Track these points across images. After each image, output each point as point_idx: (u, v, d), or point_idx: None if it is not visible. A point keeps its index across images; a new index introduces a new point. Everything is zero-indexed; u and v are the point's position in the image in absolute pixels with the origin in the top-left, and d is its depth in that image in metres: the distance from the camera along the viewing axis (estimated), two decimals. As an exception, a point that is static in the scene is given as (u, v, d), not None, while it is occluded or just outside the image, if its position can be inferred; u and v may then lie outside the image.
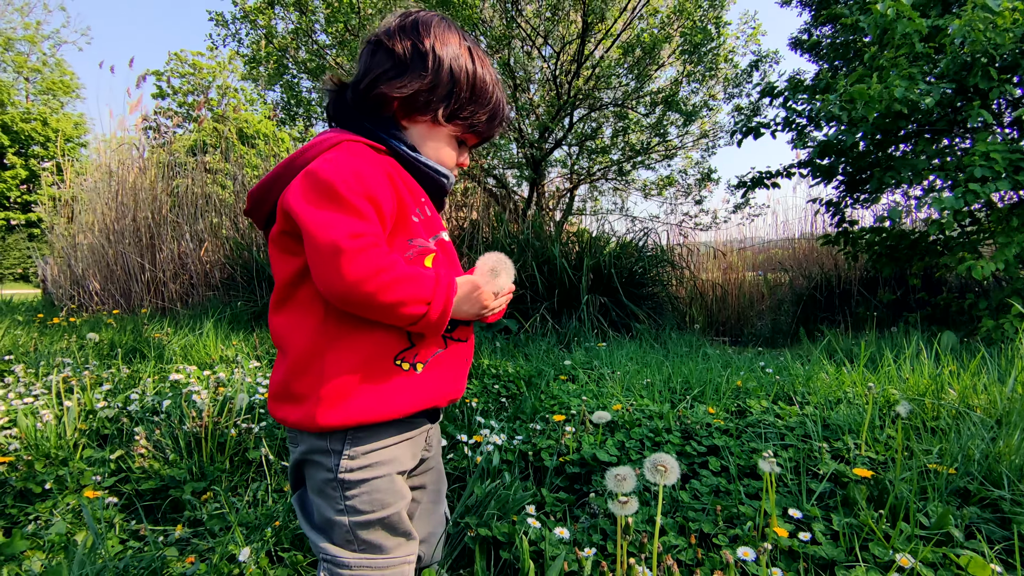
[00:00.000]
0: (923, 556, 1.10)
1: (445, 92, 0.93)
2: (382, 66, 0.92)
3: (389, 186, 0.86)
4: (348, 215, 0.79)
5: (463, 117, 0.97)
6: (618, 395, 2.41)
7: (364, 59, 0.96)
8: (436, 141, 0.97)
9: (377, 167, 0.86)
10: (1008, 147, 3.60)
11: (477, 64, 0.96)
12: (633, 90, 6.51)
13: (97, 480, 1.70)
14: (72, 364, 3.02)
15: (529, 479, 1.72)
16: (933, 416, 2.04)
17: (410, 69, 0.92)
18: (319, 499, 0.90)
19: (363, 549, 0.88)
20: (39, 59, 28.54)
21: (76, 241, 6.66)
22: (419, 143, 0.96)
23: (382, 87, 0.91)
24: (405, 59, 0.92)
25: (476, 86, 0.96)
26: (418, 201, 0.94)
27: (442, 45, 0.93)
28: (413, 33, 0.93)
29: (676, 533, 1.29)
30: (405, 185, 0.92)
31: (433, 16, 0.96)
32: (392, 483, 0.90)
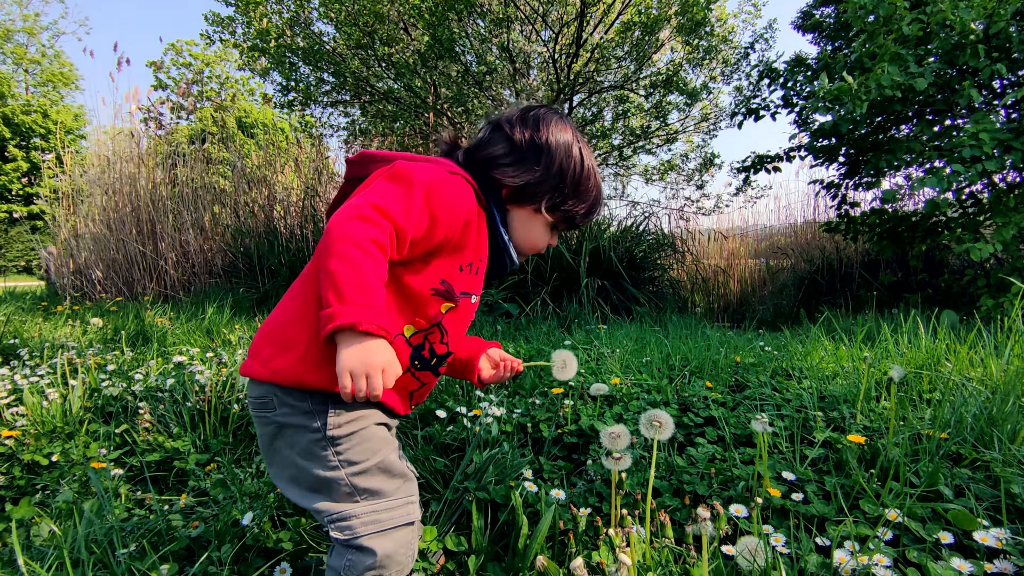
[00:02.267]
0: (912, 511, 1.12)
1: (552, 186, 1.01)
2: (498, 148, 0.99)
3: (460, 225, 0.91)
4: (400, 201, 0.84)
5: (563, 210, 1.03)
6: (617, 371, 2.43)
7: (484, 133, 1.04)
8: (532, 226, 1.04)
9: (467, 206, 0.92)
10: (1000, 128, 3.59)
11: (586, 162, 1.03)
12: (633, 72, 6.48)
13: (103, 453, 1.73)
14: (76, 348, 3.06)
15: (528, 449, 1.74)
16: (929, 389, 2.06)
17: (524, 160, 0.99)
18: (307, 462, 0.90)
19: (366, 497, 0.89)
20: (38, 50, 28.47)
21: (78, 230, 6.69)
22: (515, 225, 1.04)
23: (496, 172, 0.98)
24: (521, 148, 0.99)
25: (581, 183, 1.03)
26: (476, 259, 0.99)
27: (556, 142, 1.00)
28: (532, 126, 1.00)
29: (671, 495, 1.32)
30: (478, 240, 0.97)
31: (553, 114, 1.03)
32: (379, 431, 0.94)
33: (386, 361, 0.78)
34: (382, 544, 0.88)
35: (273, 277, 5.71)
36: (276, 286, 5.52)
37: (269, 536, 1.30)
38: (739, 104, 5.15)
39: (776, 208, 8.53)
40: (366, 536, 0.88)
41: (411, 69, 5.62)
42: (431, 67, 5.71)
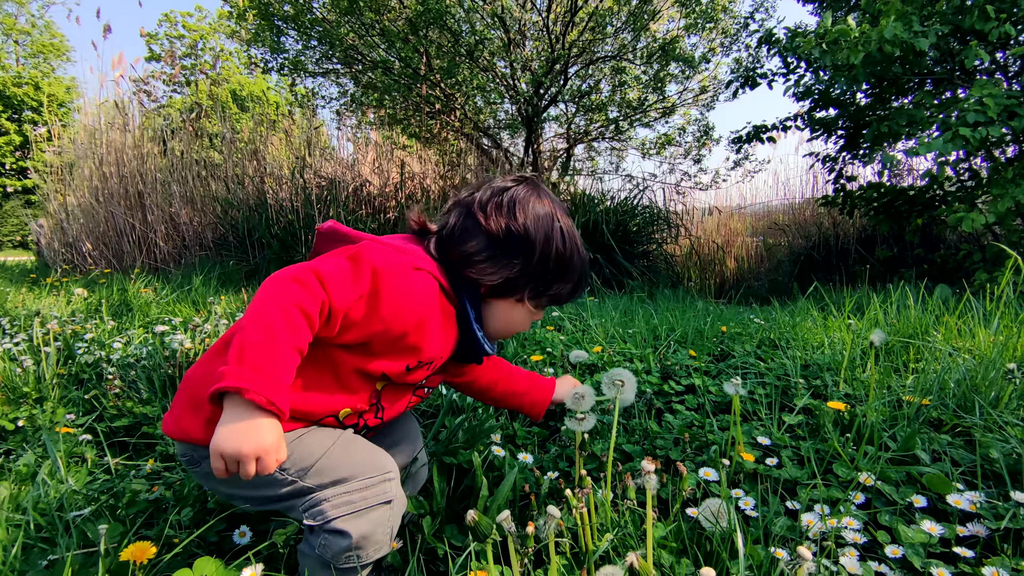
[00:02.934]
0: (885, 474, 1.09)
1: (534, 276, 0.93)
2: (472, 244, 0.91)
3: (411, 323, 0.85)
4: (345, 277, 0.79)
5: (548, 294, 0.97)
6: (600, 341, 2.39)
7: (455, 217, 0.95)
8: (513, 314, 0.98)
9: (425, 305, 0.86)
10: (1005, 92, 3.50)
11: (567, 241, 0.95)
12: (630, 42, 6.34)
13: (71, 418, 1.70)
14: (58, 318, 3.02)
15: (506, 416, 1.71)
16: (916, 359, 2.03)
17: (502, 254, 0.91)
18: (259, 491, 0.87)
19: (333, 485, 0.85)
20: (28, 20, 27.94)
21: (67, 203, 6.61)
22: (496, 315, 0.97)
23: (472, 272, 0.91)
24: (499, 241, 0.91)
25: (564, 264, 0.95)
26: (437, 356, 0.93)
27: (536, 228, 0.92)
28: (509, 213, 0.91)
29: (642, 459, 1.28)
30: (442, 338, 0.92)
31: (530, 191, 0.95)
32: (312, 433, 0.88)
33: (266, 445, 0.69)
34: (357, 525, 0.84)
35: (263, 250, 5.66)
36: (266, 259, 5.47)
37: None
38: (738, 72, 5.03)
39: (775, 184, 8.43)
40: (338, 519, 0.84)
41: (401, 37, 5.48)
42: (421, 36, 5.58)
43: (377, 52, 6.00)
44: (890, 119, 4.15)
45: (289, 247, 5.55)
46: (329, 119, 8.74)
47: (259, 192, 6.18)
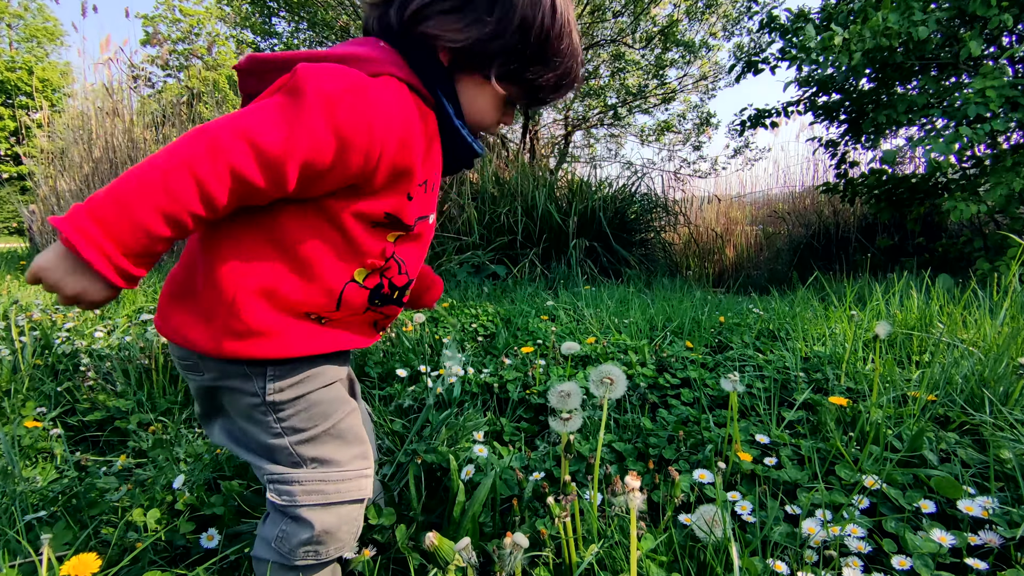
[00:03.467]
0: (891, 477, 1.02)
1: (508, 46, 0.73)
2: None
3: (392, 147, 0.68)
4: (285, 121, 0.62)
5: (523, 79, 0.77)
6: (595, 331, 2.33)
7: None
8: (481, 101, 0.79)
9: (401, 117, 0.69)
10: (1007, 83, 3.41)
11: (560, 12, 0.74)
12: (629, 25, 6.21)
13: (42, 411, 1.63)
14: (41, 307, 2.95)
15: (494, 411, 1.65)
16: (920, 351, 1.96)
17: (470, 8, 0.72)
18: (248, 425, 0.79)
19: (314, 466, 0.78)
20: (20, 4, 27.54)
21: (58, 188, 6.51)
22: (463, 94, 0.78)
23: (431, 26, 0.72)
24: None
25: (550, 43, 0.75)
26: (429, 174, 0.77)
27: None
28: None
29: (635, 459, 1.22)
30: (427, 157, 0.75)
31: None
32: (329, 392, 0.80)
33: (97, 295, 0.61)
34: (322, 518, 0.77)
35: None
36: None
37: (203, 501, 1.20)
38: (740, 57, 4.93)
39: (775, 172, 8.33)
40: (305, 507, 0.77)
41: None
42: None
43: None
44: (888, 108, 4.05)
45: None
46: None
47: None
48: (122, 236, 0.59)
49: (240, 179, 0.61)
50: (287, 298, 0.73)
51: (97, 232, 0.58)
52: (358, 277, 0.77)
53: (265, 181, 0.63)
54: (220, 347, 0.72)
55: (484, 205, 5.10)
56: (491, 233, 4.95)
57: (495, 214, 5.00)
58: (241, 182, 0.62)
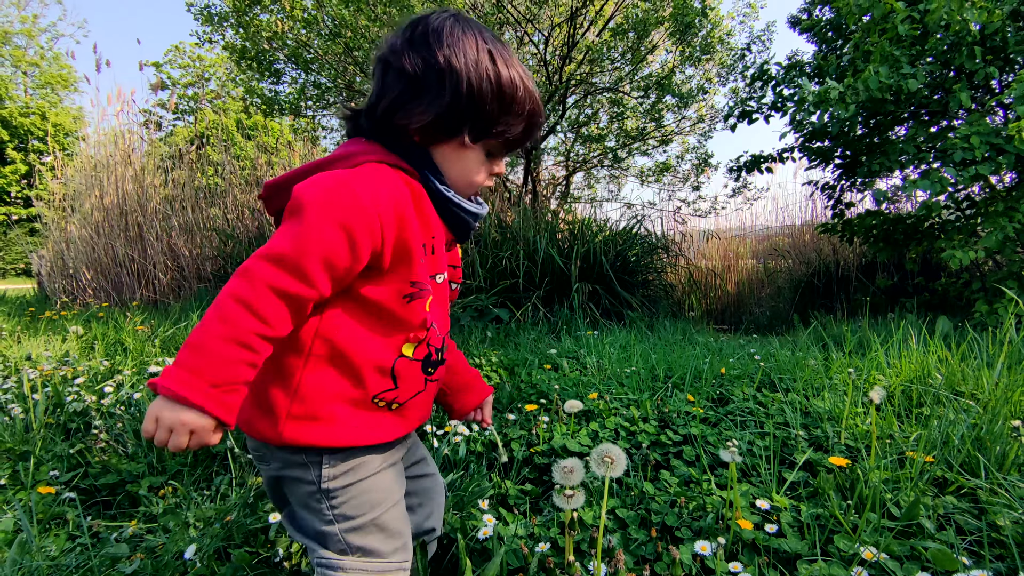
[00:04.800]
0: (889, 549, 1.04)
1: (470, 111, 0.82)
2: (394, 89, 0.82)
3: (392, 222, 0.77)
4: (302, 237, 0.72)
5: (495, 133, 0.85)
6: (598, 384, 2.35)
7: (376, 80, 0.85)
8: (463, 163, 0.87)
9: (389, 196, 0.77)
10: (992, 130, 3.51)
11: (501, 67, 0.83)
12: (627, 74, 6.41)
13: (55, 475, 1.66)
14: (50, 359, 2.99)
15: (499, 472, 1.67)
16: (919, 403, 1.99)
17: (425, 91, 0.81)
18: (306, 512, 0.86)
19: (359, 554, 0.84)
20: (36, 53, 28.44)
21: (68, 234, 6.64)
22: (445, 167, 0.86)
23: (398, 117, 0.81)
24: (418, 79, 0.81)
25: (505, 95, 0.83)
26: (429, 238, 0.86)
27: (458, 55, 0.80)
28: (423, 47, 0.81)
29: (637, 526, 1.24)
30: (421, 220, 0.83)
31: (444, 19, 0.83)
32: (380, 480, 0.87)
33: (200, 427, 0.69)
34: None
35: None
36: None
37: (214, 571, 1.23)
38: (734, 106, 5.07)
39: (774, 209, 8.45)
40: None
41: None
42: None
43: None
44: (882, 155, 4.16)
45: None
46: (330, 148, 8.81)
47: (259, 224, 6.20)
48: (205, 370, 0.68)
49: (278, 291, 0.71)
50: (348, 387, 0.82)
51: (184, 375, 0.68)
52: (407, 352, 0.85)
53: (297, 285, 0.72)
54: (281, 434, 0.80)
55: (487, 249, 5.18)
56: (494, 277, 5.01)
57: (498, 258, 5.07)
58: (280, 293, 0.71)
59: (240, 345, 0.70)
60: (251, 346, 0.70)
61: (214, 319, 0.69)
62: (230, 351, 0.69)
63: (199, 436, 0.69)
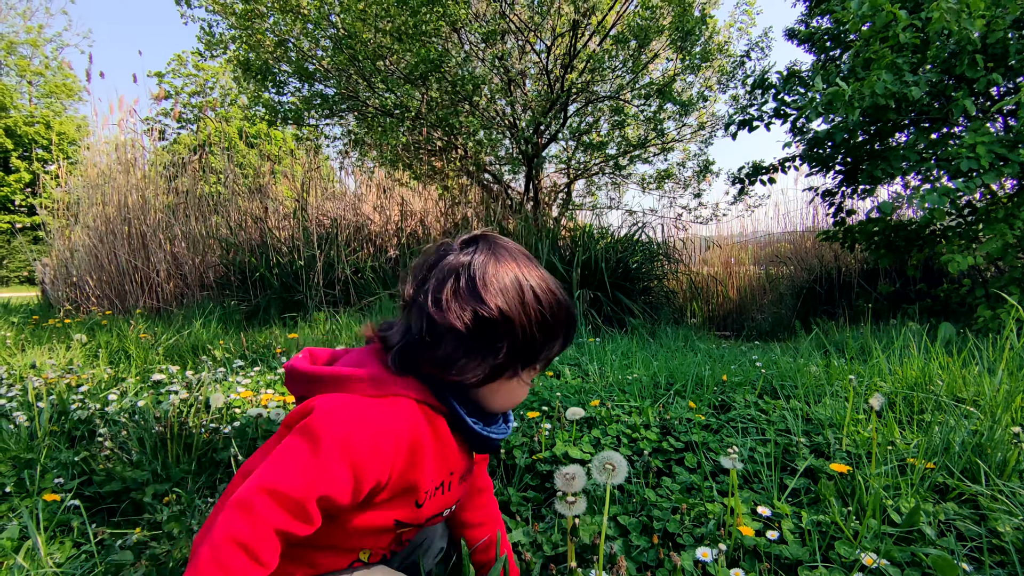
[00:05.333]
0: (890, 555, 1.05)
1: (521, 351, 0.81)
2: (444, 346, 0.79)
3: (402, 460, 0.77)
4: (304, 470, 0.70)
5: (541, 359, 0.85)
6: (600, 391, 2.36)
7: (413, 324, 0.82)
8: (510, 392, 0.87)
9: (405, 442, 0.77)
10: (994, 139, 3.53)
11: (544, 297, 0.82)
12: (628, 83, 6.44)
13: (59, 482, 1.67)
14: (56, 366, 3.01)
15: (501, 479, 1.68)
16: (920, 409, 1.99)
17: (479, 347, 0.79)
18: None
19: None
20: (42, 62, 28.66)
21: (71, 242, 6.68)
22: (490, 397, 0.86)
23: (450, 375, 0.80)
24: (470, 334, 0.78)
25: (548, 325, 0.82)
26: (445, 474, 0.86)
27: (507, 300, 0.78)
28: (472, 299, 0.78)
29: (639, 533, 1.25)
30: (439, 460, 0.83)
31: (486, 259, 0.80)
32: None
33: None
34: None
35: (265, 290, 5.68)
36: (267, 299, 5.48)
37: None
38: (734, 114, 5.10)
39: (776, 215, 8.46)
40: None
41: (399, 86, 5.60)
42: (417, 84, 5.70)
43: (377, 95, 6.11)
44: (884, 161, 4.18)
45: (290, 287, 5.56)
46: (333, 156, 8.86)
47: (262, 232, 6.23)
48: None
49: (281, 532, 0.68)
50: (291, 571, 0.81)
51: None
52: (362, 556, 0.86)
53: (298, 526, 0.70)
54: None
55: (489, 257, 5.20)
56: (496, 284, 5.03)
57: (500, 265, 5.09)
58: (282, 535, 0.69)
59: None
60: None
61: (214, 566, 0.64)
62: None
63: None
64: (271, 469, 0.70)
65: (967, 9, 3.44)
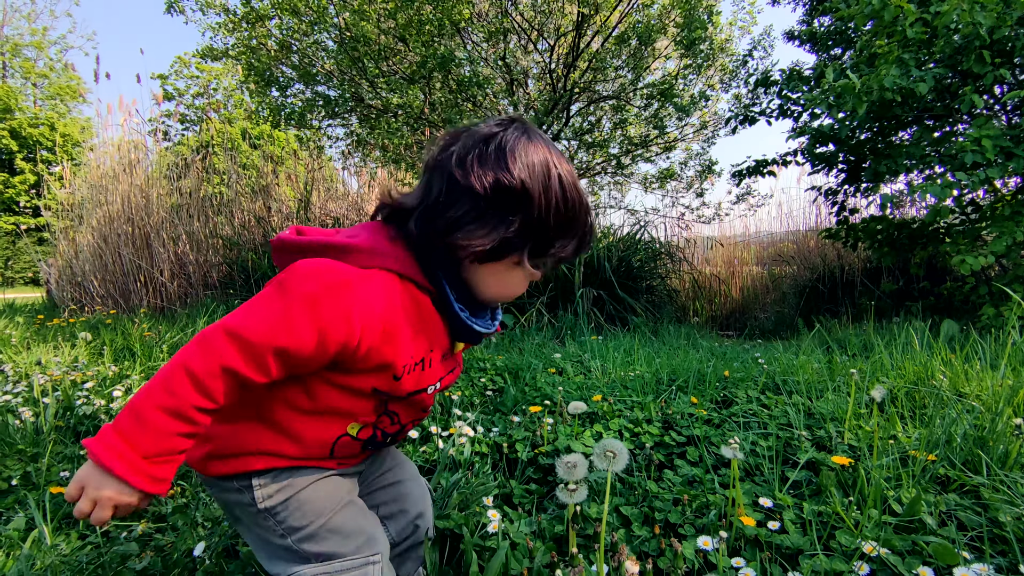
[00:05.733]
0: (890, 544, 1.05)
1: (533, 233, 0.79)
2: (456, 209, 0.77)
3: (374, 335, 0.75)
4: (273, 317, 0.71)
5: (550, 254, 0.83)
6: (602, 387, 2.37)
7: (429, 185, 0.81)
8: (509, 280, 0.85)
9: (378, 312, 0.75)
10: (1000, 133, 3.52)
11: (568, 190, 0.80)
12: (630, 82, 6.45)
13: (65, 476, 1.68)
14: (60, 364, 3.03)
15: (504, 472, 1.68)
16: (922, 404, 1.99)
17: (493, 214, 0.77)
18: (258, 531, 0.86)
19: (321, 560, 0.84)
20: (46, 64, 28.82)
21: (76, 243, 6.71)
22: (485, 280, 0.84)
23: (459, 237, 0.77)
24: (487, 201, 0.76)
25: (567, 216, 0.80)
26: (425, 351, 0.83)
27: (532, 176, 0.77)
28: (497, 164, 0.76)
29: (640, 523, 1.25)
30: (419, 337, 0.82)
31: (519, 134, 0.79)
32: (317, 489, 0.86)
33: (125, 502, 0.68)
34: None
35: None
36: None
37: (222, 568, 1.24)
38: (737, 112, 5.10)
39: (779, 215, 8.46)
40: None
41: (403, 87, 5.62)
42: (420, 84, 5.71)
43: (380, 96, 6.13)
44: (889, 157, 4.17)
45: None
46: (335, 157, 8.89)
47: (265, 232, 6.25)
48: (139, 440, 0.67)
49: (230, 371, 0.69)
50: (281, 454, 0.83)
51: (117, 441, 0.67)
52: (351, 431, 0.85)
53: (252, 370, 0.70)
54: (206, 468, 0.83)
55: (491, 255, 5.21)
56: (498, 283, 5.04)
57: (502, 264, 5.10)
58: (232, 374, 0.70)
59: (180, 418, 0.68)
60: (191, 419, 0.69)
61: (161, 386, 0.68)
62: (168, 424, 0.68)
63: (124, 508, 0.69)
64: (239, 313, 0.72)
65: (980, 0, 3.43)
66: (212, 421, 0.74)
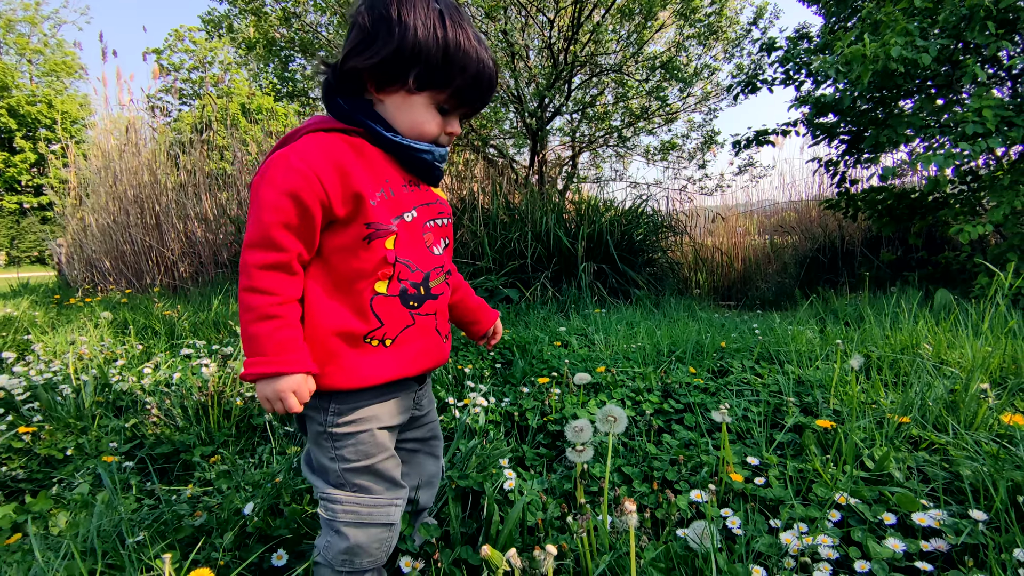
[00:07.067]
0: (860, 494, 1.19)
1: (414, 58, 0.92)
2: (353, 41, 0.94)
3: (331, 174, 0.89)
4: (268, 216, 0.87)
5: (439, 84, 0.95)
6: (605, 359, 2.50)
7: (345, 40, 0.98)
8: (412, 110, 0.96)
9: (329, 160, 0.90)
10: (1001, 102, 3.57)
11: (449, 27, 0.92)
12: (632, 55, 6.45)
13: (113, 446, 1.84)
14: (87, 342, 3.17)
15: (516, 438, 1.83)
16: (906, 372, 2.12)
17: (376, 38, 0.91)
18: (315, 448, 1.03)
19: (354, 490, 1.00)
20: (40, 40, 28.50)
21: (86, 223, 6.82)
22: (394, 115, 0.96)
23: (352, 60, 0.93)
24: (370, 29, 0.92)
25: (449, 50, 0.92)
26: (381, 182, 0.95)
27: (409, 10, 0.91)
28: (380, 3, 0.92)
29: (640, 481, 1.40)
30: (367, 168, 0.94)
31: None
32: (373, 437, 1.01)
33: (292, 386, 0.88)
34: (355, 534, 0.99)
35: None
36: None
37: (269, 524, 1.39)
38: (738, 81, 5.13)
39: (781, 185, 8.50)
40: (343, 523, 0.99)
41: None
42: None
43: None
44: (890, 127, 4.22)
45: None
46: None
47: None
48: (260, 349, 0.88)
49: (264, 266, 0.88)
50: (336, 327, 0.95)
51: (252, 360, 0.89)
52: (380, 289, 0.97)
53: (274, 255, 0.89)
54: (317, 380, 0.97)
55: (495, 231, 5.31)
56: (503, 258, 5.16)
57: (506, 239, 5.21)
58: (267, 267, 0.89)
59: (267, 319, 0.88)
60: (275, 315, 0.88)
61: (241, 311, 0.90)
62: (264, 327, 0.88)
63: (300, 391, 0.89)
64: (246, 232, 0.91)
65: None
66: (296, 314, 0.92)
